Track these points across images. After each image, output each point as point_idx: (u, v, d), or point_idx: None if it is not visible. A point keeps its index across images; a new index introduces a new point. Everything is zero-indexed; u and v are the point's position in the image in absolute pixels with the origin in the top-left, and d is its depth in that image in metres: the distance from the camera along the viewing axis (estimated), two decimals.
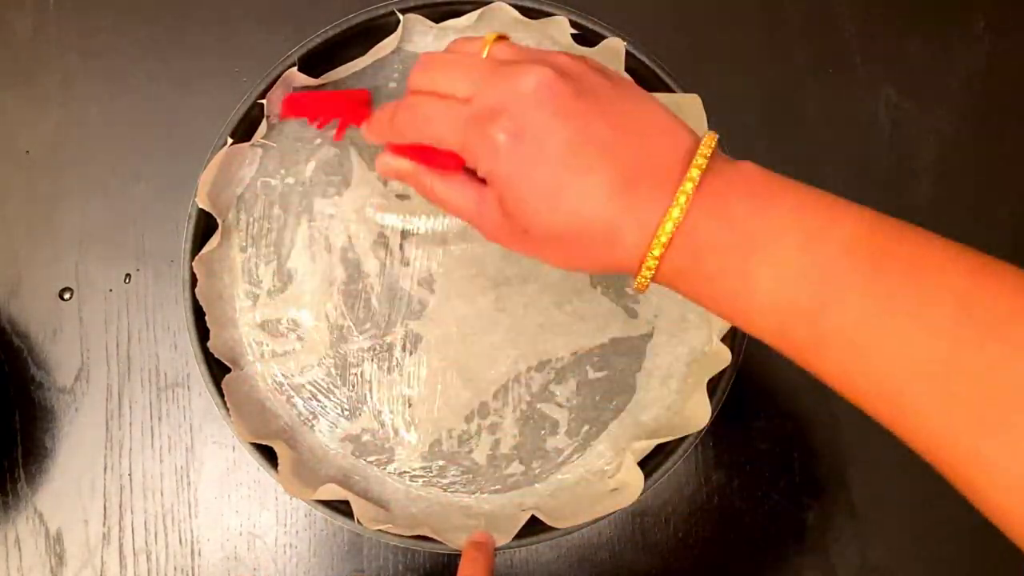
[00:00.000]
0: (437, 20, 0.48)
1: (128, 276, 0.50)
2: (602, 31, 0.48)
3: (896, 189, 0.52)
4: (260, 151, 0.48)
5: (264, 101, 0.46)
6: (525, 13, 0.47)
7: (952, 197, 0.52)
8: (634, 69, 0.48)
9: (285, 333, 0.48)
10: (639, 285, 0.34)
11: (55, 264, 0.50)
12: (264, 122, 0.47)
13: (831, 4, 0.53)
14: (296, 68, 0.46)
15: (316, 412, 0.48)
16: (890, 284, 0.29)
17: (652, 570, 0.50)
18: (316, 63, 0.48)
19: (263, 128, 0.47)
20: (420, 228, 0.48)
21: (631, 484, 0.45)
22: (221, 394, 0.45)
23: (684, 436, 0.46)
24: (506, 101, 0.33)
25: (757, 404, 0.51)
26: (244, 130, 0.47)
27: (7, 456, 0.49)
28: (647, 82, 0.48)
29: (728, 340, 0.47)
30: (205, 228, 0.47)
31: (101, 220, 0.50)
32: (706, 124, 0.47)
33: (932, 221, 0.52)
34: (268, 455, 0.45)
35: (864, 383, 0.30)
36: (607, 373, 0.48)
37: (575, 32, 0.48)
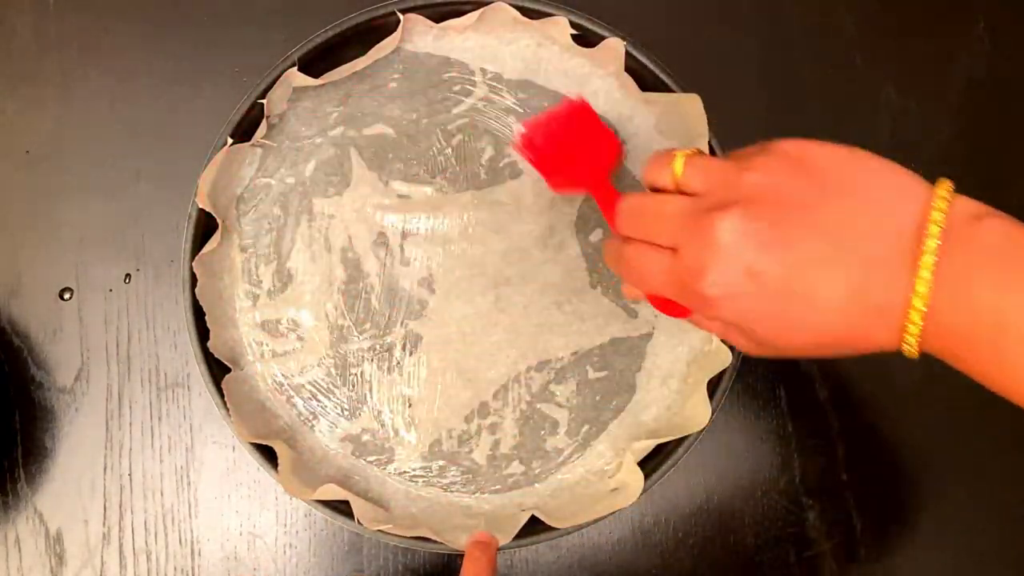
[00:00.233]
0: (437, 20, 0.48)
1: (128, 276, 0.50)
2: (602, 31, 0.48)
3: None
4: (260, 151, 0.48)
5: (264, 101, 0.46)
6: (525, 13, 0.47)
7: None
8: (634, 69, 0.48)
9: (285, 333, 0.48)
10: (910, 355, 0.33)
11: (55, 264, 0.50)
12: (264, 122, 0.47)
13: (831, 4, 0.53)
14: (296, 68, 0.46)
15: (316, 412, 0.48)
16: None
17: (652, 570, 0.50)
18: (316, 63, 0.48)
19: (263, 128, 0.47)
20: (420, 228, 0.48)
21: (631, 484, 0.45)
22: (221, 394, 0.45)
23: (684, 436, 0.46)
24: (707, 260, 0.32)
25: (758, 404, 0.51)
26: (244, 130, 0.47)
27: (7, 456, 0.49)
28: (647, 82, 0.48)
29: None
30: (205, 228, 0.47)
31: (101, 220, 0.50)
32: (706, 124, 0.47)
33: None
34: (268, 455, 0.45)
35: None
36: (607, 373, 0.48)
37: (575, 32, 0.48)
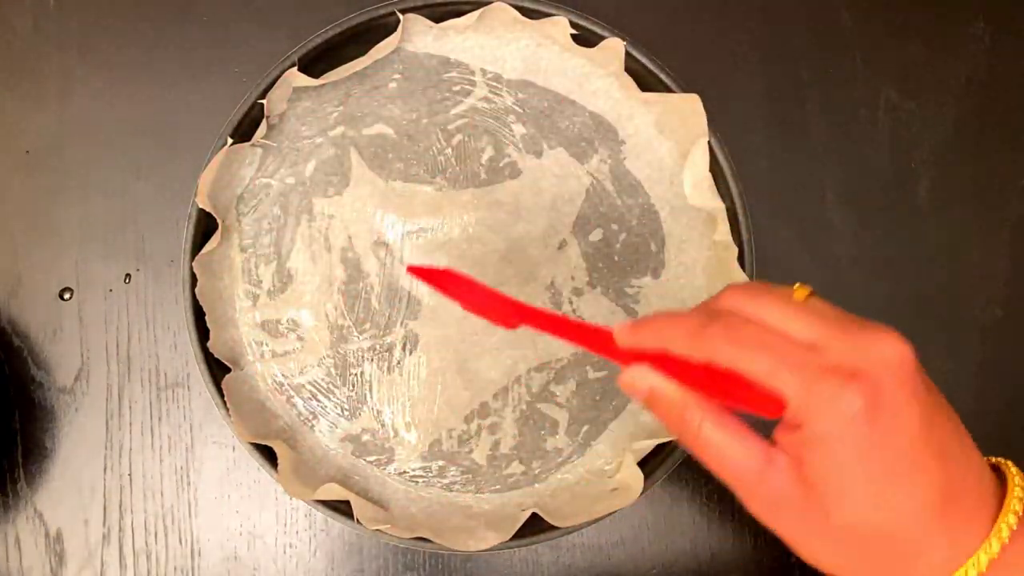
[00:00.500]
0: (437, 20, 0.48)
1: (128, 276, 0.50)
2: (602, 31, 0.48)
3: (896, 189, 0.52)
4: (260, 151, 0.48)
5: (264, 101, 0.46)
6: (525, 13, 0.47)
7: (952, 197, 0.52)
8: (634, 69, 0.48)
9: (285, 333, 0.48)
10: None
11: (55, 264, 0.50)
12: (264, 122, 0.47)
13: (831, 4, 0.53)
14: (296, 68, 0.46)
15: (316, 412, 0.48)
16: None
17: (652, 570, 0.50)
18: (316, 63, 0.48)
19: (263, 128, 0.47)
20: (420, 228, 0.48)
21: (631, 484, 0.45)
22: (221, 394, 0.45)
23: None
24: (865, 364, 0.29)
25: None
26: (244, 130, 0.47)
27: (7, 456, 0.49)
28: (647, 82, 0.48)
29: None
30: (205, 228, 0.47)
31: (101, 220, 0.50)
32: (706, 124, 0.47)
33: (932, 221, 0.53)
34: (268, 455, 0.45)
35: None
36: (607, 373, 0.48)
37: (575, 32, 0.48)
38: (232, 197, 0.48)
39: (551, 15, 0.48)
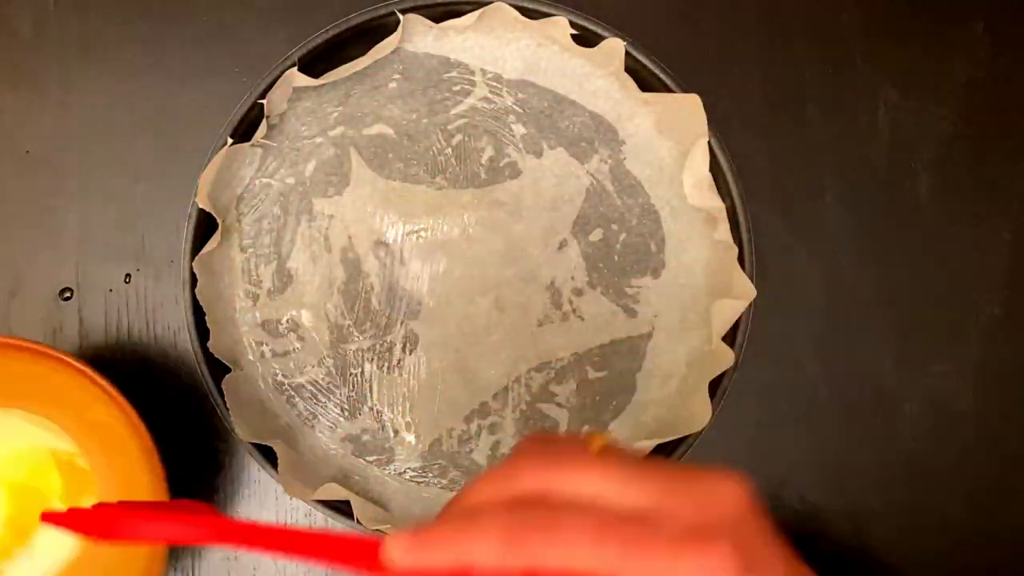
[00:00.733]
0: (437, 20, 0.48)
1: (128, 276, 0.50)
2: (602, 31, 0.48)
3: (896, 189, 0.52)
4: (260, 151, 0.48)
5: (264, 101, 0.46)
6: (525, 13, 0.47)
7: (952, 197, 0.52)
8: (634, 69, 0.48)
9: (285, 333, 0.48)
10: None
11: (55, 264, 0.50)
12: (264, 122, 0.47)
13: (831, 4, 0.53)
14: (296, 68, 0.46)
15: (316, 412, 0.48)
16: None
17: None
18: (316, 63, 0.48)
19: (263, 128, 0.47)
20: (420, 228, 0.48)
21: None
22: (221, 394, 0.45)
23: (684, 436, 0.46)
24: (713, 524, 0.25)
25: (759, 403, 0.51)
26: (244, 130, 0.47)
27: None
28: (647, 82, 0.48)
29: (729, 340, 0.47)
30: (205, 228, 0.47)
31: (101, 220, 0.50)
32: (706, 124, 0.47)
33: (932, 222, 0.53)
34: (268, 455, 0.45)
35: None
36: (607, 373, 0.48)
37: (575, 32, 0.48)
38: (232, 197, 0.48)
39: (551, 15, 0.47)
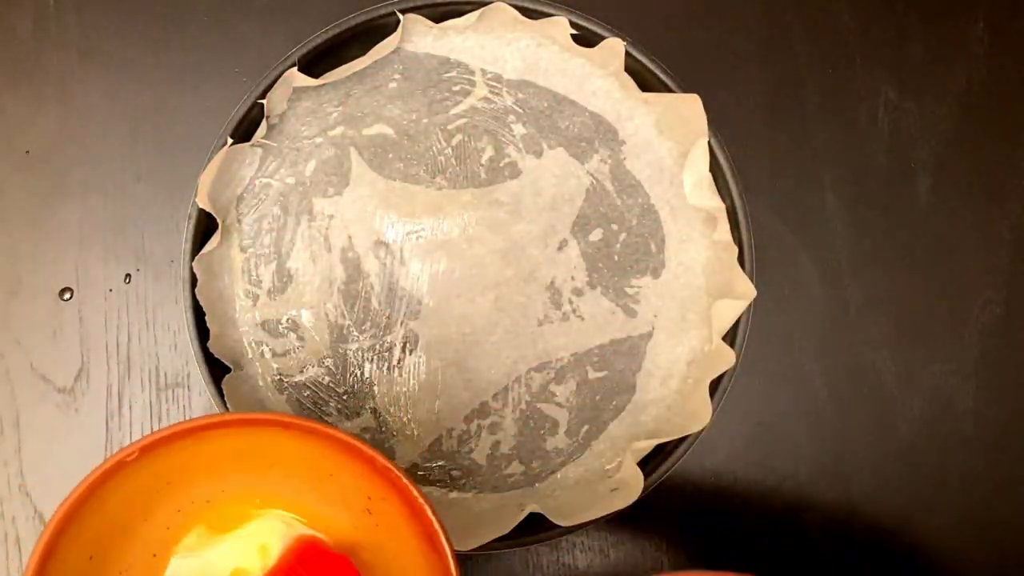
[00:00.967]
0: (437, 20, 0.48)
1: (128, 276, 0.50)
2: (602, 31, 0.48)
3: (895, 189, 0.52)
4: (260, 151, 0.48)
5: (264, 101, 0.46)
6: (525, 13, 0.47)
7: (952, 197, 0.52)
8: (634, 69, 0.48)
9: (285, 333, 0.48)
10: None
11: (55, 264, 0.50)
12: (264, 122, 0.47)
13: (831, 4, 0.53)
14: (296, 68, 0.46)
15: (316, 412, 0.48)
16: None
17: (653, 570, 0.50)
18: (316, 63, 0.48)
19: (263, 128, 0.47)
20: (420, 228, 0.48)
21: (631, 484, 0.45)
22: (221, 394, 0.45)
23: (684, 436, 0.46)
24: None
25: (759, 403, 0.51)
26: (244, 130, 0.47)
27: (7, 456, 0.49)
28: (647, 82, 0.48)
29: (729, 339, 0.47)
30: (205, 228, 0.47)
31: (101, 220, 0.50)
32: (706, 124, 0.47)
33: (931, 222, 0.53)
34: None
35: None
36: (607, 373, 0.48)
37: (575, 32, 0.48)
38: (232, 197, 0.48)
39: (551, 15, 0.48)
